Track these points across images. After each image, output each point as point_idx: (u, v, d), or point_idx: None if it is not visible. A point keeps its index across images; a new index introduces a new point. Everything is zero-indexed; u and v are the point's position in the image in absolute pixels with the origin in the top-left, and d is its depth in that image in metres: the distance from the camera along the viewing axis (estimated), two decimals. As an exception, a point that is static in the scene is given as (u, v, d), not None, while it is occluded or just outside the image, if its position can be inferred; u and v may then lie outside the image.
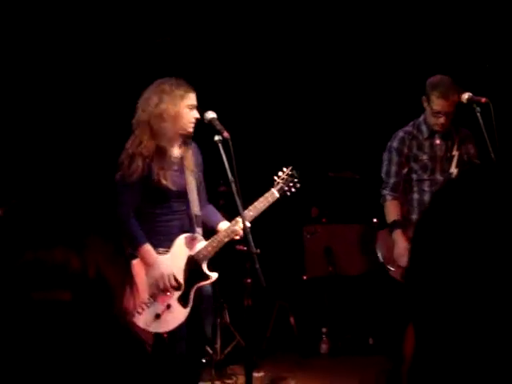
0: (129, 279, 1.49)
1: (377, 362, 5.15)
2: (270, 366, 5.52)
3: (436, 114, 4.24)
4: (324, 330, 6.04)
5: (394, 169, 4.46)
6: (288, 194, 3.95)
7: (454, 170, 4.33)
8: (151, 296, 3.72)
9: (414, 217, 4.38)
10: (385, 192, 4.50)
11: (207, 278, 3.81)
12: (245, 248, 3.38)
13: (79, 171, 5.47)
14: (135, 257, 3.65)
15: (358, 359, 5.79)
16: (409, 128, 4.46)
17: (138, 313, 3.59)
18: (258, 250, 3.40)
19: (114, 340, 1.39)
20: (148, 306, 3.69)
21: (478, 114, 3.97)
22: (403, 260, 4.14)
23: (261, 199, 3.80)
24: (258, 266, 3.18)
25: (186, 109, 3.69)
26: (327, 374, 5.44)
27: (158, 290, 3.72)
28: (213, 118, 3.63)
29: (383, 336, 5.81)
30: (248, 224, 3.56)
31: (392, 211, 4.45)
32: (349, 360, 5.83)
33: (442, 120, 4.25)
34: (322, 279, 6.14)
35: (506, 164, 0.88)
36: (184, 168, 3.81)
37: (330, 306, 6.20)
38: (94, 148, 5.69)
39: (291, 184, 3.96)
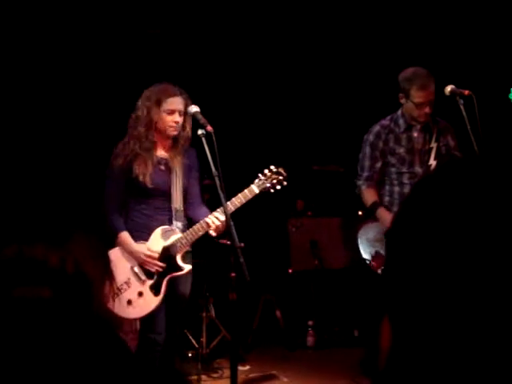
0: (107, 271, 1.49)
1: (362, 354, 5.18)
2: (257, 360, 5.54)
3: (419, 105, 4.23)
4: (310, 322, 6.06)
5: (367, 163, 4.48)
6: (271, 190, 4.00)
7: (432, 162, 4.35)
8: (126, 282, 3.88)
9: (395, 209, 4.39)
10: (359, 183, 4.54)
11: (180, 269, 3.92)
12: (228, 242, 3.38)
13: (61, 168, 5.45)
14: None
15: (344, 351, 5.81)
16: (386, 122, 4.47)
17: (113, 299, 3.59)
18: (242, 244, 3.42)
19: (93, 336, 1.38)
20: (121, 292, 3.85)
21: (462, 107, 3.98)
22: None
23: (239, 195, 3.85)
24: (242, 259, 3.20)
25: (163, 113, 3.86)
26: (314, 367, 5.46)
27: (132, 276, 3.89)
28: (196, 112, 3.67)
29: (368, 328, 5.84)
30: (222, 218, 3.70)
31: (369, 196, 4.48)
32: (335, 352, 5.86)
33: (426, 110, 4.24)
34: (308, 272, 6.15)
35: (484, 158, 0.88)
36: (171, 168, 3.96)
37: (316, 299, 6.22)
38: (78, 145, 5.67)
39: (275, 181, 3.99)
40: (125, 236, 3.90)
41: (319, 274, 6.14)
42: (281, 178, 4.01)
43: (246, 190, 3.88)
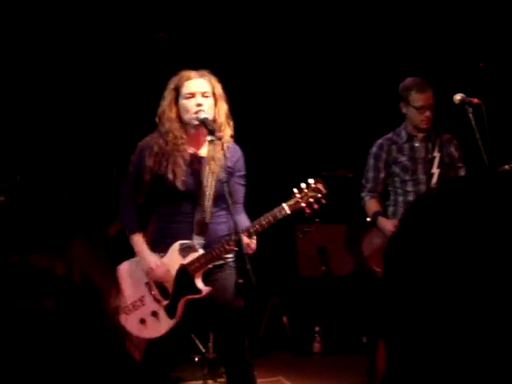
0: (114, 279, 1.48)
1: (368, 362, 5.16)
2: (263, 365, 5.53)
3: (420, 109, 4.32)
4: (317, 329, 6.05)
5: (370, 174, 4.57)
6: (307, 210, 3.43)
7: (435, 171, 4.40)
8: (140, 299, 3.53)
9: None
10: (363, 194, 4.62)
11: (197, 292, 3.46)
12: (235, 248, 3.34)
13: (64, 173, 5.45)
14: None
15: (351, 358, 5.80)
16: (388, 135, 4.57)
17: (125, 314, 3.45)
18: (250, 251, 3.37)
19: (100, 347, 1.38)
20: (135, 309, 3.52)
21: (471, 115, 3.98)
22: None
23: (268, 214, 3.37)
24: (249, 266, 3.08)
25: (183, 100, 3.46)
26: (320, 373, 5.45)
27: (147, 294, 3.53)
28: (205, 118, 3.41)
29: (376, 335, 5.82)
30: (247, 240, 3.33)
31: (372, 206, 4.55)
32: (342, 359, 5.84)
33: (427, 113, 4.32)
34: (315, 279, 6.14)
35: (484, 177, 0.88)
36: (205, 169, 3.49)
37: (323, 306, 6.21)
38: (81, 148, 5.68)
39: (312, 200, 3.41)
40: (138, 238, 3.51)
41: (326, 281, 6.13)
42: (319, 195, 3.43)
43: (275, 210, 3.38)
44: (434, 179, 4.37)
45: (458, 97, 4.09)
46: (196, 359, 5.51)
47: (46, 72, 5.67)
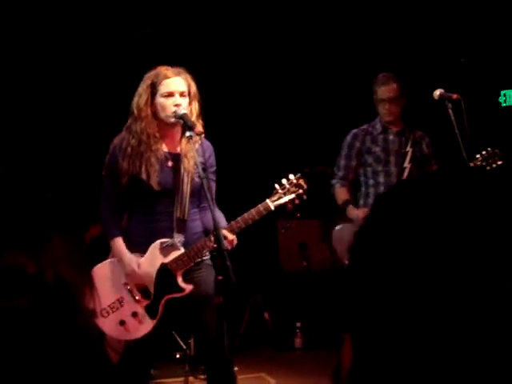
0: (88, 279, 1.46)
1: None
2: (244, 361, 5.53)
3: (381, 102, 4.50)
4: (298, 324, 6.06)
5: (342, 162, 4.68)
6: (289, 206, 3.49)
7: (407, 165, 4.51)
8: (118, 300, 3.47)
9: None
10: (333, 182, 4.72)
11: (180, 290, 3.43)
12: (215, 245, 3.31)
13: (40, 169, 5.41)
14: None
15: (332, 353, 5.80)
16: (364, 126, 4.70)
17: (103, 316, 3.38)
18: (229, 247, 3.34)
19: (75, 348, 1.36)
20: (113, 311, 3.44)
21: (450, 111, 4.01)
22: None
23: (252, 210, 3.38)
24: (228, 263, 3.03)
25: (160, 99, 3.40)
26: (301, 368, 5.46)
27: (126, 294, 3.47)
28: (184, 114, 3.37)
29: (342, 330, 5.83)
30: (230, 236, 3.35)
31: (341, 194, 4.65)
32: (323, 354, 5.85)
33: (387, 106, 4.48)
34: (297, 274, 6.15)
35: (450, 174, 0.88)
36: (180, 166, 3.46)
37: (304, 301, 6.22)
38: (57, 144, 5.64)
39: (293, 195, 3.46)
40: (118, 243, 3.46)
41: (308, 276, 6.14)
42: (300, 191, 3.47)
43: (260, 206, 3.40)
44: (406, 173, 4.44)
45: (437, 92, 4.11)
46: (177, 356, 5.50)
47: (29, 68, 5.62)
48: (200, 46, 6.12)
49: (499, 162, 4.22)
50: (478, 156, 4.23)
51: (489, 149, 4.25)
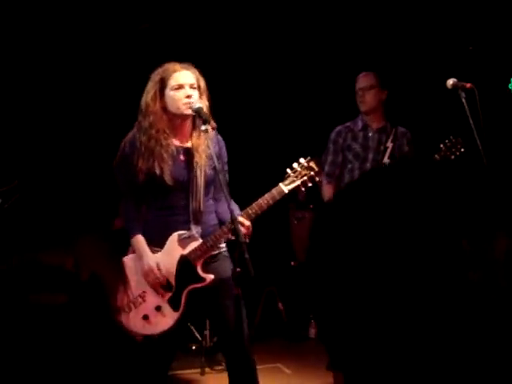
0: (122, 276, 1.49)
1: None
2: (259, 352, 5.54)
3: (357, 93, 4.73)
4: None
5: (329, 157, 4.82)
6: (302, 189, 3.54)
7: (386, 161, 4.61)
8: (140, 295, 3.42)
9: None
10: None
11: (201, 280, 3.47)
12: (233, 237, 3.33)
13: (70, 173, 5.41)
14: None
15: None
16: (347, 123, 4.86)
17: (126, 312, 3.28)
18: (247, 240, 3.36)
19: (109, 339, 1.40)
20: (136, 306, 3.39)
21: (464, 100, 3.99)
22: None
23: (266, 195, 3.43)
24: (247, 255, 3.03)
25: (171, 92, 3.43)
26: (316, 359, 5.47)
27: (148, 289, 3.44)
28: (200, 108, 3.40)
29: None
30: (247, 223, 3.38)
31: (326, 192, 4.78)
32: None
33: (361, 94, 4.69)
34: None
35: (409, 167, 0.91)
36: (192, 159, 3.49)
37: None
38: (85, 148, 5.64)
39: (306, 178, 3.50)
40: (138, 240, 3.46)
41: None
42: (312, 173, 3.52)
43: (273, 191, 3.44)
44: None
45: (450, 82, 4.09)
46: (193, 348, 5.54)
47: (30, 67, 5.63)
48: (201, 39, 6.11)
49: (462, 150, 4.35)
50: (441, 146, 4.36)
51: (451, 137, 4.35)
